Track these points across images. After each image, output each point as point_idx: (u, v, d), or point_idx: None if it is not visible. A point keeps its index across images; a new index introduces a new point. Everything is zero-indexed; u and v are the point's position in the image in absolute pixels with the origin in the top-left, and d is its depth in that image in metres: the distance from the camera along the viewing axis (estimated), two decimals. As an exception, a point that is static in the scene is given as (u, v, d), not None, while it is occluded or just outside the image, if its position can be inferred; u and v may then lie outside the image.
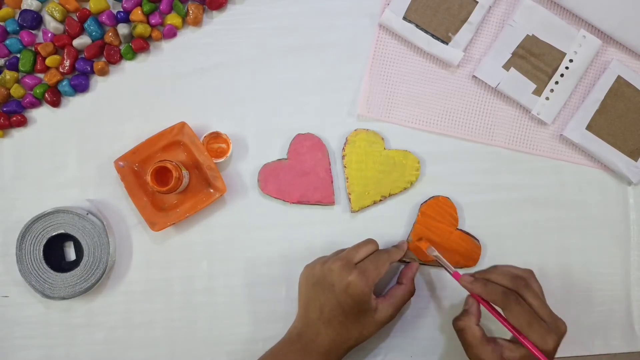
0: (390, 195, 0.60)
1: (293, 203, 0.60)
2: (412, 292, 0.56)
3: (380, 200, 0.60)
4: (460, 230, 0.60)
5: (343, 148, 0.60)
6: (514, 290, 0.50)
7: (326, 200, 0.60)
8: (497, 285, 0.51)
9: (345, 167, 0.60)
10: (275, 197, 0.60)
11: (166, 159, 0.57)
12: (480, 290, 0.51)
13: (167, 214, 0.58)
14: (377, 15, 0.61)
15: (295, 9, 0.61)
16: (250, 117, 0.61)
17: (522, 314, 0.48)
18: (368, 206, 0.60)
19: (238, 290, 0.61)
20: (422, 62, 0.61)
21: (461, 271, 0.54)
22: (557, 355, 0.50)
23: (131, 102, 0.61)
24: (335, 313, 0.52)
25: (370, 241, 0.56)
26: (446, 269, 0.55)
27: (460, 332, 0.52)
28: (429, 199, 0.60)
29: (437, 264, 0.57)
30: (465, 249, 0.60)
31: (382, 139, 0.60)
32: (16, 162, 0.61)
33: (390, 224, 0.61)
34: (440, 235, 0.59)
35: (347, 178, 0.60)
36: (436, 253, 0.56)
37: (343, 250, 0.56)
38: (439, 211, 0.60)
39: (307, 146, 0.60)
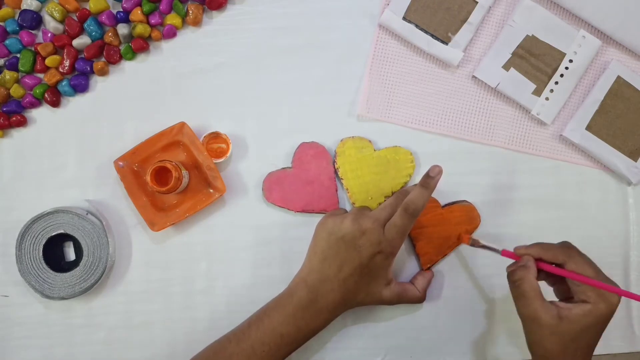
0: (392, 193, 0.60)
1: (297, 212, 0.60)
2: (421, 300, 0.57)
3: (385, 200, 0.60)
4: (445, 205, 0.60)
5: (334, 161, 0.60)
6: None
7: (331, 208, 0.60)
8: (554, 244, 0.51)
9: (342, 178, 0.60)
10: (279, 206, 0.60)
11: (166, 159, 0.57)
12: (539, 249, 0.51)
13: (167, 214, 0.58)
14: (377, 15, 0.61)
15: (295, 9, 0.61)
16: (250, 117, 0.61)
17: (588, 263, 0.49)
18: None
19: (238, 291, 0.61)
20: (422, 62, 0.61)
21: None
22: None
23: (131, 102, 0.61)
24: (353, 272, 0.52)
25: (396, 198, 0.54)
26: (495, 251, 0.54)
27: (516, 283, 0.50)
28: None
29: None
30: (461, 215, 0.60)
31: (370, 141, 0.60)
32: (16, 162, 0.61)
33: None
34: (435, 224, 0.59)
35: (347, 189, 0.60)
36: (481, 243, 0.56)
37: (365, 208, 0.56)
38: None
39: (311, 155, 0.60)
